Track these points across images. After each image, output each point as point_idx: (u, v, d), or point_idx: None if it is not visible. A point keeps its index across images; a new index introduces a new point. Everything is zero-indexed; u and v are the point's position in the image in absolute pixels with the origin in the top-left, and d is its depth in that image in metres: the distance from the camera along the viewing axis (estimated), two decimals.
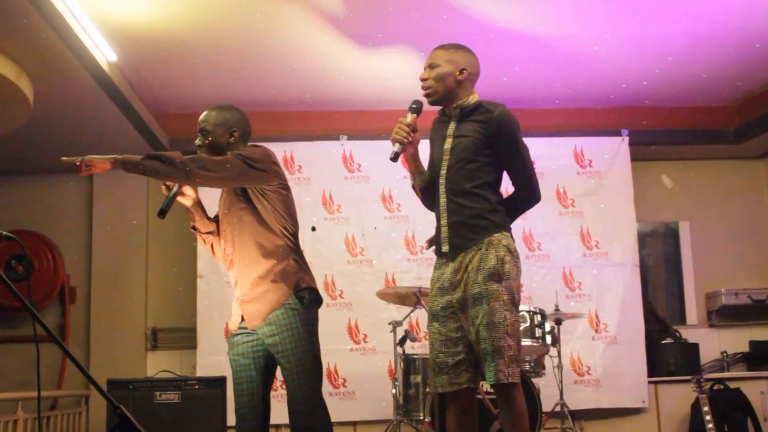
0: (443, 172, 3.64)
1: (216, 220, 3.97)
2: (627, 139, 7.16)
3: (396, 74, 6.37)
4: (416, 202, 7.01)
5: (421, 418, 5.65)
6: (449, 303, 3.52)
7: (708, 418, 5.05)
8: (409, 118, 3.64)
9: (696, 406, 6.55)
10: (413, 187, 3.83)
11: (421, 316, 6.15)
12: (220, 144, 3.87)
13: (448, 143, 3.67)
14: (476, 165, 3.56)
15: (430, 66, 3.67)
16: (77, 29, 4.87)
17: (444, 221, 3.59)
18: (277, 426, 6.33)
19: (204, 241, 4.00)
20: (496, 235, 3.50)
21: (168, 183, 3.73)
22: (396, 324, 5.84)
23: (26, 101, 5.48)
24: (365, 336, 6.78)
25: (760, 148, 7.61)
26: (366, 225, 6.94)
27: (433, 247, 3.71)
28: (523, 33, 5.65)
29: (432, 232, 3.67)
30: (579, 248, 7.01)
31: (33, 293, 7.00)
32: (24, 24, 4.62)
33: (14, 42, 4.94)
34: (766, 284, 7.44)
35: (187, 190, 3.80)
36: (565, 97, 6.76)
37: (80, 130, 6.53)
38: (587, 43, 5.90)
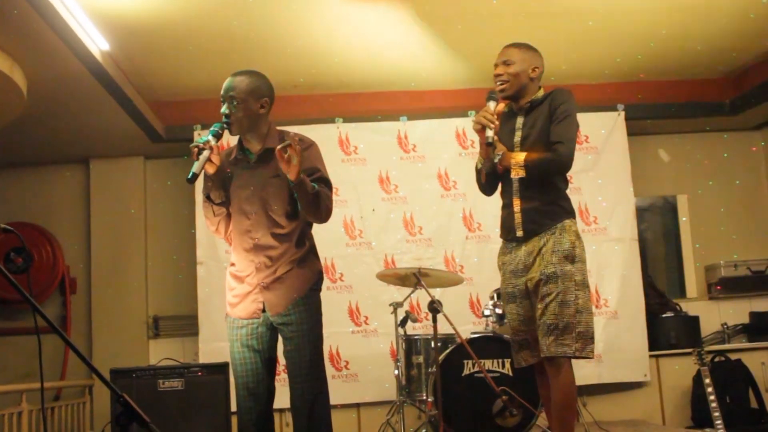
0: None
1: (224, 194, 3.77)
2: (623, 113, 7.15)
3: (390, 56, 6.36)
4: (413, 183, 7.07)
5: (424, 398, 5.67)
6: (524, 284, 3.78)
7: (710, 390, 5.06)
8: (493, 107, 3.80)
9: (697, 379, 6.59)
10: (479, 170, 4.01)
11: (421, 296, 6.16)
12: (251, 114, 3.69)
13: (518, 136, 3.87)
14: None
15: (505, 63, 3.89)
16: (69, 19, 4.84)
17: (517, 208, 3.82)
18: (281, 410, 6.36)
19: (214, 213, 3.77)
20: (567, 221, 3.82)
21: (199, 146, 3.54)
22: (397, 305, 5.85)
23: (20, 93, 5.47)
24: (366, 318, 6.80)
25: (757, 119, 7.61)
26: (364, 207, 6.94)
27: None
28: (516, 10, 5.62)
29: (429, 214, 3.74)
30: (578, 224, 7.00)
31: (33, 285, 7.01)
32: (15, 16, 4.59)
33: (6, 34, 4.91)
34: (765, 255, 7.45)
35: (214, 157, 3.57)
36: (560, 72, 6.73)
37: (75, 121, 6.52)
38: (581, 19, 5.88)
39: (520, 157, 3.76)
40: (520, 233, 3.81)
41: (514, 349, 3.92)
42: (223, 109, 3.68)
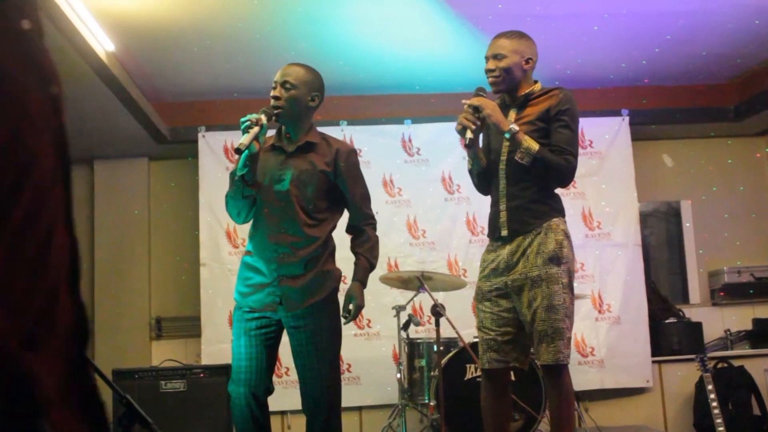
0: (503, 158, 3.71)
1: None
2: (627, 118, 7.15)
3: (395, 59, 6.36)
4: (417, 186, 7.07)
5: (426, 401, 5.67)
6: (503, 284, 3.63)
7: (712, 396, 5.06)
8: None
9: (700, 385, 6.57)
10: (470, 171, 3.90)
11: (424, 300, 6.15)
12: (301, 103, 3.66)
13: None
14: None
15: (495, 56, 3.71)
16: (74, 20, 4.85)
17: (503, 206, 3.67)
18: (283, 412, 6.36)
19: (243, 195, 3.59)
20: (555, 219, 3.61)
21: (251, 120, 3.46)
22: (399, 308, 5.85)
23: None
24: (369, 321, 6.79)
25: (761, 126, 7.60)
26: None
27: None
28: (520, 14, 5.62)
29: (433, 217, 3.69)
30: (581, 229, 7.00)
31: None
32: None
33: None
34: None
35: (260, 137, 3.49)
36: (565, 77, 6.74)
37: (79, 121, 6.51)
38: (586, 23, 5.89)
39: (534, 145, 3.52)
40: (504, 232, 3.64)
41: (481, 349, 3.71)
42: (274, 92, 3.64)
